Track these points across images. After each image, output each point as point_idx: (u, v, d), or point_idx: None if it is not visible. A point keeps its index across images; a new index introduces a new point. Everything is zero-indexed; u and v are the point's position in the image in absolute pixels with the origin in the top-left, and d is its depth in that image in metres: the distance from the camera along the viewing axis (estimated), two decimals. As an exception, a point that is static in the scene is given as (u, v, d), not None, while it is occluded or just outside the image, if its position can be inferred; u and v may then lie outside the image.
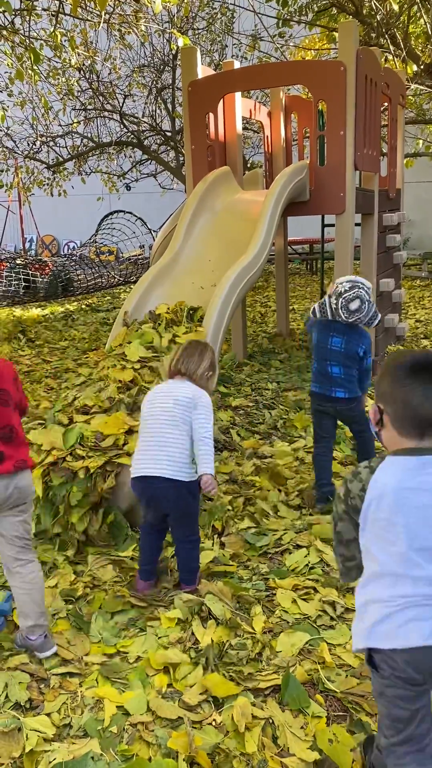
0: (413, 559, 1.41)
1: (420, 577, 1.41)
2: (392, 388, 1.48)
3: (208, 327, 3.57)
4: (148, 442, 2.50)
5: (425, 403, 1.43)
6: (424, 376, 1.44)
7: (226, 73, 5.32)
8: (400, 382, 1.46)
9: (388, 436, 1.51)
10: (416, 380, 1.44)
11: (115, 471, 2.88)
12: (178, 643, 2.30)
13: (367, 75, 4.87)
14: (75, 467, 2.87)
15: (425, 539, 1.41)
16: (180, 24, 10.34)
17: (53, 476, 2.86)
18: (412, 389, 1.44)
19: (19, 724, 1.95)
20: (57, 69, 10.11)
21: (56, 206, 14.64)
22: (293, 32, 10.36)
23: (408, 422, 1.46)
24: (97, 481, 2.83)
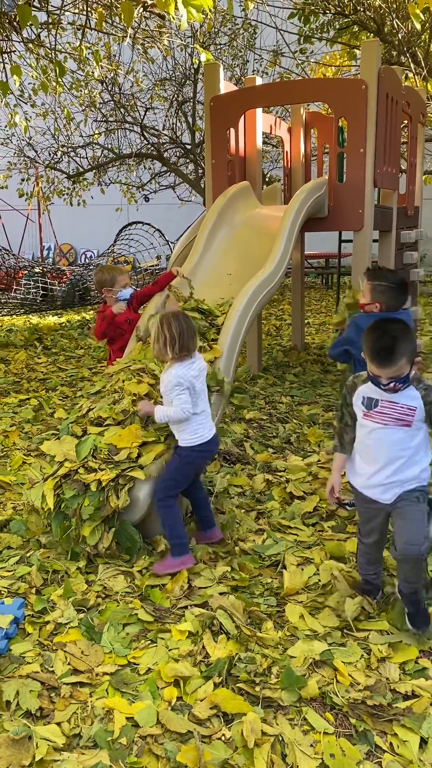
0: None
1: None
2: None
3: (225, 340, 3.59)
4: (206, 409, 2.96)
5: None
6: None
7: (248, 89, 5.37)
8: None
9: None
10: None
11: (128, 485, 2.87)
12: (189, 656, 2.30)
13: (388, 93, 4.90)
14: (87, 480, 2.86)
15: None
16: (202, 39, 10.45)
17: (65, 488, 2.86)
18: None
19: (29, 733, 1.96)
20: (80, 81, 10.25)
21: (75, 216, 14.77)
22: (314, 49, 10.44)
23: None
24: (110, 495, 2.83)
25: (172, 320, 2.84)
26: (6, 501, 3.62)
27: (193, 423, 2.88)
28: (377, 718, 2.03)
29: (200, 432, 2.90)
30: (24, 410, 5.25)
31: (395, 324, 2.28)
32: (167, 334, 2.81)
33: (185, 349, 2.84)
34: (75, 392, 5.78)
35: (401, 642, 2.36)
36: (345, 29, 9.55)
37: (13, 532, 3.23)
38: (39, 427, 4.84)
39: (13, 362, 7.08)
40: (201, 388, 2.93)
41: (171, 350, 2.82)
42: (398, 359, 2.21)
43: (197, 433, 2.90)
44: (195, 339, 2.91)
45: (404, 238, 5.76)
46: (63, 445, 3.04)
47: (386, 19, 8.60)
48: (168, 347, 2.82)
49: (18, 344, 8.06)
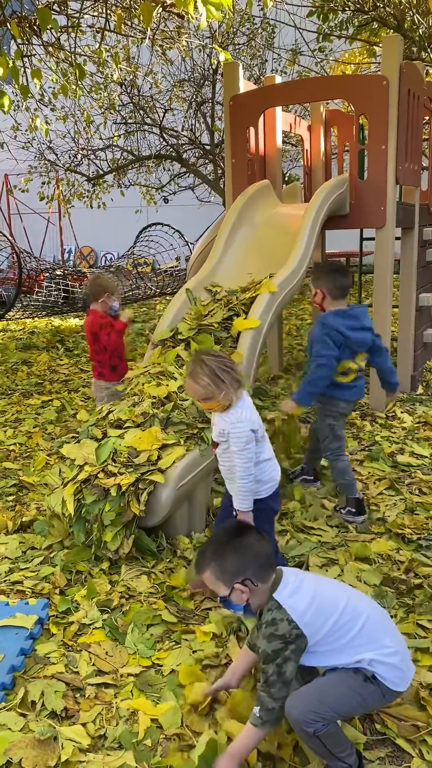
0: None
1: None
2: None
3: (246, 341, 3.57)
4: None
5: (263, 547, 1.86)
6: None
7: (267, 87, 5.35)
8: None
9: (260, 594, 1.82)
10: None
11: (148, 489, 2.83)
12: (214, 658, 2.28)
13: (410, 89, 4.84)
14: (107, 485, 2.83)
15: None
16: (221, 39, 10.44)
17: (86, 493, 2.84)
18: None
19: (54, 733, 1.96)
20: (99, 84, 10.30)
21: (95, 218, 14.85)
22: (333, 46, 10.38)
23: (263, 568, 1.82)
24: (131, 500, 2.80)
25: (214, 359, 2.41)
26: (30, 501, 3.64)
27: (267, 468, 2.54)
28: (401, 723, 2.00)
29: (275, 475, 2.57)
30: (47, 411, 5.28)
31: (227, 528, 1.89)
32: (221, 377, 2.36)
33: (241, 385, 2.44)
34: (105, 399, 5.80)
35: (429, 648, 2.32)
36: (364, 26, 9.47)
37: (37, 532, 3.24)
38: (61, 428, 4.86)
39: (36, 364, 7.13)
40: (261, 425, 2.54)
41: (235, 391, 2.40)
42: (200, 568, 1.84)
43: (273, 478, 2.57)
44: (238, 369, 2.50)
45: (427, 235, 5.69)
46: (83, 448, 3.03)
47: (406, 14, 8.52)
48: (231, 388, 2.38)
49: (40, 346, 8.11)
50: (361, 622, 1.72)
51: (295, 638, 1.68)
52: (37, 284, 10.34)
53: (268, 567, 1.79)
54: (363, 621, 1.73)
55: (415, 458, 4.02)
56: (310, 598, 1.72)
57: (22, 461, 4.28)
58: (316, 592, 1.76)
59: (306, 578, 1.81)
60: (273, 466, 2.56)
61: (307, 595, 1.73)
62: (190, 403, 3.16)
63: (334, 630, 1.71)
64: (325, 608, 1.72)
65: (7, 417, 5.23)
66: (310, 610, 1.70)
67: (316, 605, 1.71)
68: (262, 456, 2.50)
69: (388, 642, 1.72)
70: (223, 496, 2.79)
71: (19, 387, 6.19)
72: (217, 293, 3.98)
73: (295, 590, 1.74)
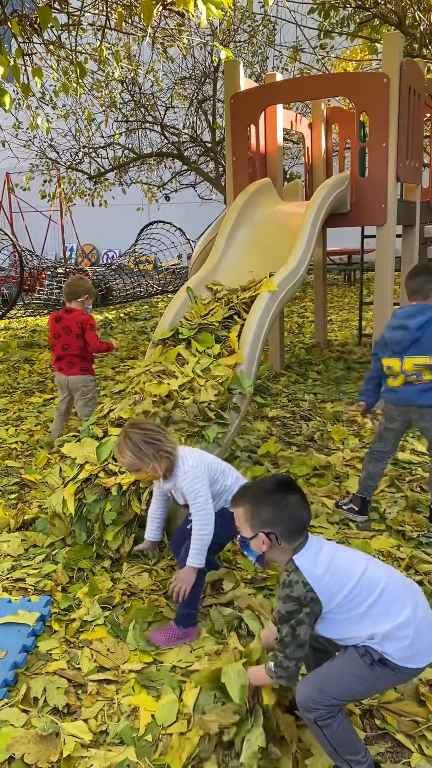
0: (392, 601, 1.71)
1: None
2: (275, 509, 1.74)
3: (248, 338, 3.58)
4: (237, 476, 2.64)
5: (300, 508, 1.76)
6: (285, 490, 1.76)
7: (268, 85, 5.35)
8: (277, 501, 1.75)
9: (279, 554, 1.77)
10: (286, 494, 1.75)
11: (149, 488, 2.83)
12: (215, 655, 2.30)
13: (411, 86, 4.84)
14: (108, 484, 2.83)
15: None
16: (222, 37, 10.43)
17: (87, 493, 2.84)
18: (288, 502, 1.74)
19: (56, 729, 1.97)
20: (100, 82, 10.29)
21: (96, 216, 14.86)
22: (335, 44, 10.36)
23: (296, 528, 1.75)
24: (132, 500, 2.81)
25: (138, 432, 2.37)
26: (32, 499, 3.65)
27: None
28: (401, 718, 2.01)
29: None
30: (48, 409, 5.29)
31: (278, 480, 1.83)
32: (144, 450, 2.34)
33: (171, 454, 2.40)
34: (98, 391, 5.81)
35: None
36: (366, 23, 9.46)
37: (39, 530, 3.26)
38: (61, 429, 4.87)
39: (38, 362, 7.14)
40: (215, 461, 2.53)
41: (161, 462, 2.37)
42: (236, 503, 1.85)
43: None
44: (168, 436, 2.44)
45: (428, 232, 5.70)
46: (84, 447, 3.03)
47: (407, 11, 8.50)
48: (156, 460, 2.35)
49: (42, 344, 8.13)
50: (378, 591, 1.70)
51: (310, 601, 1.68)
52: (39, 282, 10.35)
53: (299, 533, 1.75)
54: (380, 590, 1.71)
55: (415, 455, 4.03)
56: (327, 564, 1.72)
57: (24, 459, 4.29)
58: (335, 559, 1.74)
59: (326, 545, 1.79)
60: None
61: (325, 561, 1.72)
62: (191, 402, 3.17)
63: (350, 598, 1.70)
64: (342, 575, 1.71)
65: (9, 415, 5.24)
66: (327, 576, 1.70)
67: (333, 571, 1.71)
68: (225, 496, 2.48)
69: (405, 614, 1.68)
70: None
71: (21, 385, 6.20)
72: (217, 292, 3.99)
73: (315, 555, 1.73)
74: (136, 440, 2.35)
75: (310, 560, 1.72)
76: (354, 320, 8.88)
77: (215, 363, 3.46)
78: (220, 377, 3.37)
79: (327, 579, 1.70)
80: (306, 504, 1.78)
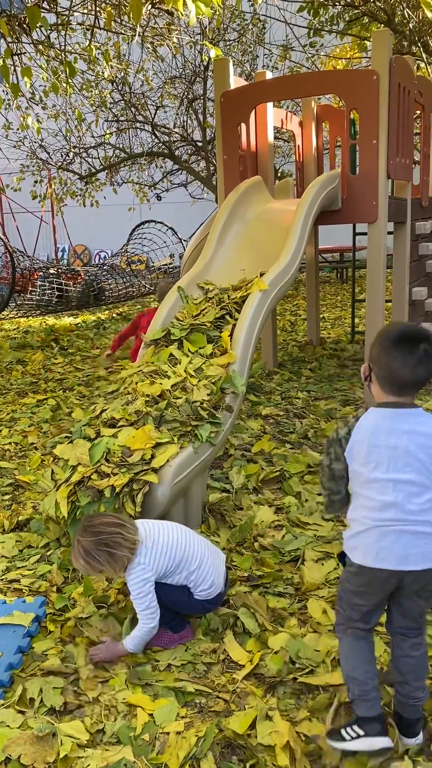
0: (377, 485, 1.75)
1: (384, 503, 1.74)
2: (380, 353, 1.79)
3: (239, 337, 3.57)
4: (204, 560, 2.49)
5: (402, 369, 1.75)
6: (404, 347, 1.75)
7: (258, 83, 5.35)
8: (386, 350, 1.77)
9: (374, 390, 1.86)
10: (398, 350, 1.75)
11: (143, 490, 2.78)
12: (212, 653, 2.30)
13: (400, 83, 4.85)
14: (101, 486, 2.79)
15: (387, 470, 1.74)
16: (212, 35, 10.43)
17: (80, 495, 2.80)
18: (394, 356, 1.76)
19: (53, 730, 1.97)
20: (90, 81, 10.28)
21: (88, 216, 14.83)
22: (324, 42, 10.38)
23: (388, 382, 1.79)
24: (125, 501, 2.78)
25: (90, 539, 2.24)
26: (26, 500, 3.65)
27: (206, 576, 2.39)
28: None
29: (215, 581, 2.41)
30: (42, 410, 5.28)
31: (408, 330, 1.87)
32: (96, 557, 2.23)
33: (123, 554, 2.25)
34: (92, 392, 5.80)
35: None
36: (355, 21, 9.48)
37: (34, 531, 3.25)
38: (54, 427, 4.86)
39: (31, 363, 7.13)
40: (180, 546, 2.37)
41: (118, 566, 2.26)
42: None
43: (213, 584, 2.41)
44: (128, 528, 2.29)
45: (419, 229, 5.71)
46: (76, 448, 2.99)
47: (396, 9, 8.53)
48: (108, 565, 2.24)
49: (35, 345, 8.11)
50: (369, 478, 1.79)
51: (339, 441, 1.84)
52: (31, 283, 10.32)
53: (393, 387, 1.79)
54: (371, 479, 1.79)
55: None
56: (368, 429, 1.80)
57: (18, 460, 4.28)
58: (375, 431, 1.79)
59: (385, 425, 1.79)
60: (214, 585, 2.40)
61: (368, 428, 1.80)
62: (183, 401, 3.16)
63: (359, 472, 1.80)
64: (367, 449, 1.78)
65: (2, 416, 5.23)
66: (360, 437, 1.80)
67: (364, 437, 1.80)
68: (199, 586, 2.37)
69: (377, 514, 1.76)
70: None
71: (14, 386, 6.18)
72: (209, 291, 3.99)
73: (376, 418, 1.80)
74: (88, 548, 2.22)
75: (370, 416, 1.80)
76: (347, 318, 8.90)
77: (208, 363, 3.46)
78: (213, 377, 3.36)
79: (360, 438, 1.80)
80: (412, 367, 1.74)
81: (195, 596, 2.36)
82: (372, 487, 1.76)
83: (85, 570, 2.30)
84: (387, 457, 1.74)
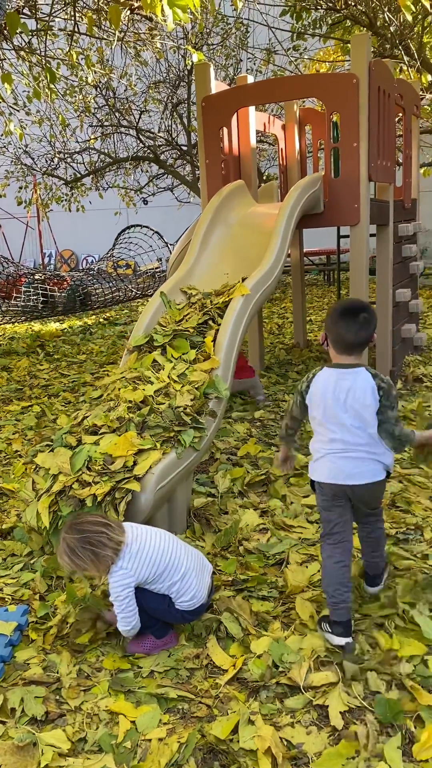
0: (327, 426, 2.32)
1: (331, 438, 2.32)
2: (331, 323, 2.34)
3: (222, 342, 3.58)
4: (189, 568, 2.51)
5: (348, 333, 2.28)
6: (348, 317, 2.29)
7: (239, 87, 5.36)
8: (335, 320, 2.32)
9: (330, 352, 2.39)
10: (344, 319, 2.30)
11: (126, 498, 2.76)
12: (195, 658, 2.29)
13: (380, 86, 4.88)
14: (82, 495, 2.76)
15: (333, 415, 2.29)
16: (195, 40, 10.45)
17: (61, 505, 2.77)
18: (341, 325, 2.30)
19: (34, 739, 1.95)
20: (74, 87, 10.27)
21: (74, 221, 14.81)
22: (307, 45, 10.42)
23: (339, 344, 2.33)
24: (108, 510, 2.75)
25: (76, 536, 2.26)
26: (9, 509, 3.63)
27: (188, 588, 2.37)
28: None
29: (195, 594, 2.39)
30: (27, 417, 5.26)
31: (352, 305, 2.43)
32: (79, 554, 2.24)
33: (107, 554, 2.26)
34: (77, 398, 5.78)
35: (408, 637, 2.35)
36: (337, 24, 9.53)
37: (17, 539, 3.23)
38: (36, 434, 4.84)
39: (16, 370, 7.09)
40: (166, 556, 2.35)
41: (102, 566, 2.28)
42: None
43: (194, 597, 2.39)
44: (113, 528, 2.30)
45: (402, 231, 5.73)
46: (57, 457, 2.95)
47: (378, 12, 8.58)
48: (92, 564, 2.25)
49: (20, 352, 8.08)
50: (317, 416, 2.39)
51: (300, 393, 2.44)
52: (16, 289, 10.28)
53: (343, 349, 2.31)
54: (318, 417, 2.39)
55: (394, 453, 4.05)
56: (319, 384, 2.36)
57: (1, 468, 4.26)
58: (324, 386, 2.35)
59: (331, 379, 2.33)
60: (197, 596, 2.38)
61: (319, 382, 2.37)
62: (166, 407, 3.16)
63: (312, 417, 2.41)
64: (318, 398, 2.35)
65: (-12, 424, 5.20)
66: (316, 388, 2.37)
67: (316, 390, 2.37)
68: (182, 597, 2.35)
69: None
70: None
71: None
72: (192, 296, 3.99)
73: (326, 377, 2.35)
74: (73, 545, 2.24)
75: (323, 374, 2.36)
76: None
77: (191, 368, 3.45)
78: (196, 382, 3.36)
79: (315, 390, 2.36)
80: (356, 331, 2.27)
81: (176, 606, 2.35)
82: (324, 425, 2.33)
83: (69, 567, 2.30)
84: (333, 405, 2.28)
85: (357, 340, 2.28)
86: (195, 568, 2.41)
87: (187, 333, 3.65)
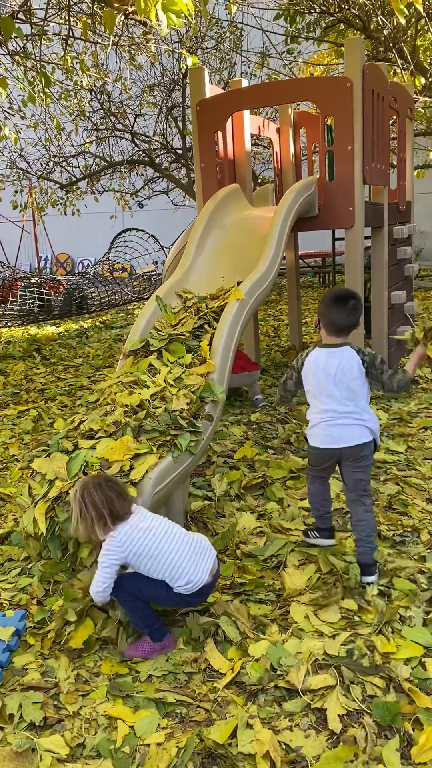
0: (320, 398, 2.72)
1: (323, 409, 2.72)
2: (323, 308, 2.73)
3: (218, 346, 3.58)
4: (186, 554, 2.52)
5: (338, 318, 2.67)
6: (339, 303, 2.69)
7: (233, 91, 5.38)
8: (328, 306, 2.71)
9: (322, 334, 2.76)
10: (335, 305, 2.69)
11: None
12: (193, 662, 2.29)
13: (374, 90, 4.90)
14: None
15: (325, 389, 2.69)
16: (189, 44, 10.47)
17: (58, 511, 2.76)
18: (332, 310, 2.68)
19: (32, 745, 1.95)
20: (69, 91, 10.28)
21: (70, 225, 14.81)
22: (301, 48, 10.45)
23: (330, 327, 2.71)
24: None
25: (93, 491, 2.36)
26: (7, 513, 3.62)
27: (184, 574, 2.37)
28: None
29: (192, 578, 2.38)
30: (23, 421, 5.26)
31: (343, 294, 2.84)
32: (92, 513, 2.33)
33: (118, 518, 2.37)
34: (74, 401, 5.78)
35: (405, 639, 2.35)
36: (331, 27, 9.56)
37: (14, 544, 3.23)
38: (32, 440, 4.84)
39: (12, 374, 7.09)
40: (163, 538, 2.39)
41: (103, 527, 2.35)
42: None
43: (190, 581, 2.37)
44: (125, 499, 2.42)
45: (397, 233, 5.75)
46: (53, 462, 2.94)
47: (371, 15, 8.61)
48: (98, 526, 2.35)
49: (16, 356, 8.07)
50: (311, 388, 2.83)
51: (295, 368, 2.87)
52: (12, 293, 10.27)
53: (334, 332, 2.71)
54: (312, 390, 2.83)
55: (390, 455, 4.06)
56: (311, 361, 2.79)
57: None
58: (314, 364, 2.78)
59: (323, 356, 2.75)
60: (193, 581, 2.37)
61: (311, 359, 2.80)
62: (162, 410, 3.16)
63: (307, 389, 2.83)
64: (311, 376, 2.76)
65: (-16, 428, 5.20)
66: (309, 365, 2.79)
67: (309, 367, 2.79)
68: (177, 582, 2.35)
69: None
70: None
71: (-5, 397, 6.15)
72: (187, 300, 3.99)
73: (320, 352, 2.75)
74: (82, 502, 2.36)
75: (315, 353, 2.76)
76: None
77: (187, 372, 3.46)
78: (192, 386, 3.37)
79: (308, 367, 2.76)
80: (345, 316, 2.66)
81: (174, 590, 2.35)
82: (317, 398, 2.73)
83: (74, 521, 2.39)
84: (324, 379, 2.68)
85: (346, 323, 2.67)
86: (189, 552, 2.39)
87: (183, 337, 3.66)
